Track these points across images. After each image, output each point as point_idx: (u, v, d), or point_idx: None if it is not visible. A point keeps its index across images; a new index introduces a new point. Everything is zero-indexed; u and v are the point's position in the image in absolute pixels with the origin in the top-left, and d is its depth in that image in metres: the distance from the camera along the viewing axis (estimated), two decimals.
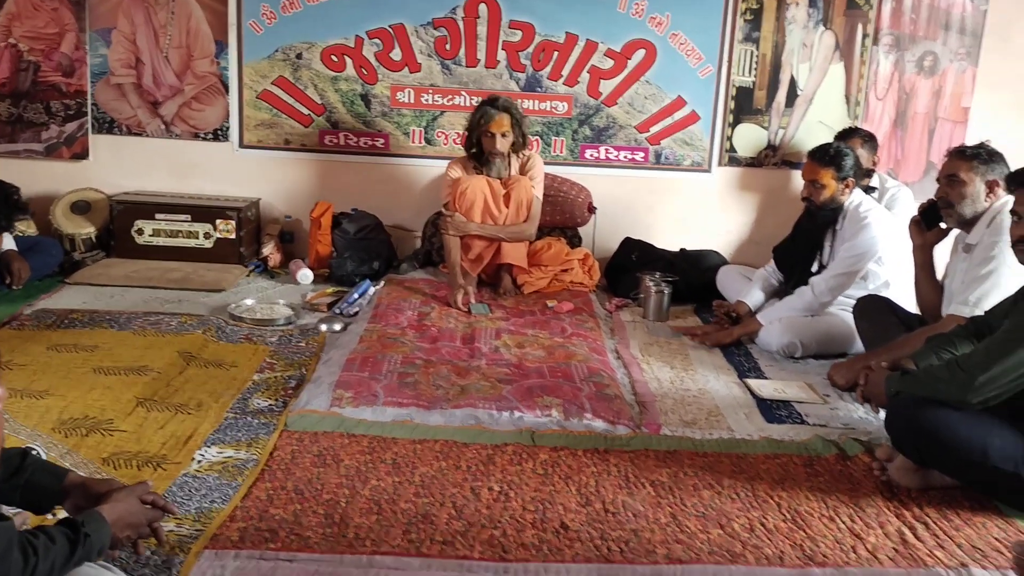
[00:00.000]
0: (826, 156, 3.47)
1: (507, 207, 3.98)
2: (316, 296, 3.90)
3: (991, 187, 2.88)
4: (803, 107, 4.60)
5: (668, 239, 4.58)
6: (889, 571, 1.87)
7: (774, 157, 4.65)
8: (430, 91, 4.50)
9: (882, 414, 2.44)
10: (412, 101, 4.51)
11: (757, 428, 2.67)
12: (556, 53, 4.48)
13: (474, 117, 3.93)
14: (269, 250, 4.37)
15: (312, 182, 4.58)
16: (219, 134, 4.49)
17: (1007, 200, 2.85)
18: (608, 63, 4.50)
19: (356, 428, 2.48)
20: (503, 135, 3.90)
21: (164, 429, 2.43)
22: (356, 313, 3.66)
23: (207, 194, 4.50)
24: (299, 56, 4.44)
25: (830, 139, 4.33)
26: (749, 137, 4.62)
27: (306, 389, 2.73)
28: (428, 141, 4.56)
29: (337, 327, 3.46)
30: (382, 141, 4.55)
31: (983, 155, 2.90)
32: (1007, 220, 2.74)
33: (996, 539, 2.04)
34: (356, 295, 3.77)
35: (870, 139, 4.19)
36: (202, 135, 4.50)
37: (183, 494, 2.08)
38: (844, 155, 3.43)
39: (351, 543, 1.89)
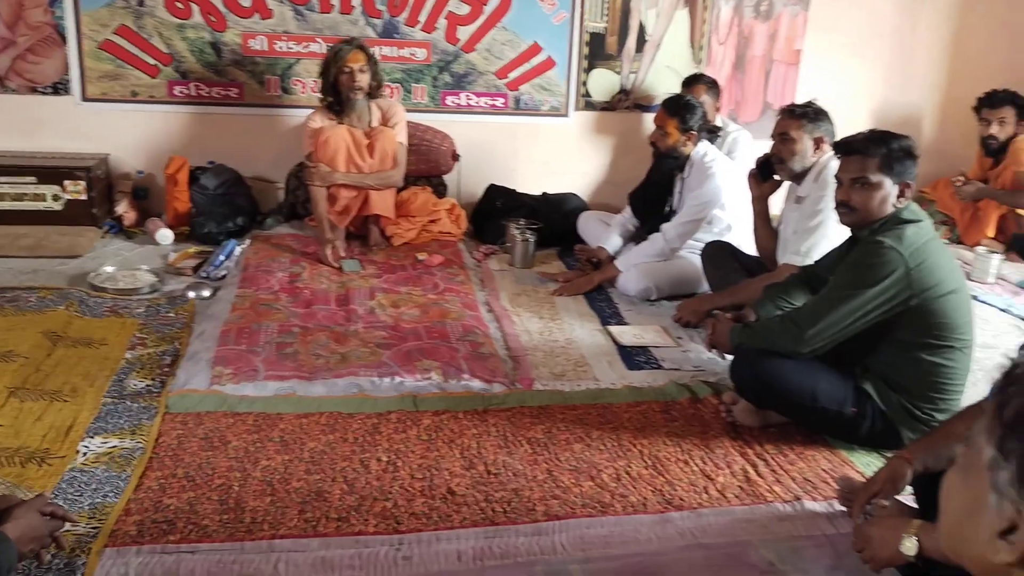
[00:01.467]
0: (675, 107, 3.69)
1: (372, 157, 4.00)
2: (179, 258, 3.83)
3: (818, 143, 3.16)
4: (652, 52, 4.78)
5: (530, 184, 4.73)
6: (736, 509, 2.14)
7: (627, 101, 4.84)
8: (284, 38, 4.39)
9: (728, 359, 2.72)
10: (265, 49, 4.39)
11: (619, 376, 2.91)
12: None
13: (328, 57, 3.89)
14: (123, 209, 4.23)
15: (164, 136, 4.42)
16: (59, 87, 4.25)
17: (831, 155, 3.16)
18: (464, 9, 4.52)
19: (239, 406, 2.54)
20: (361, 70, 3.88)
21: (42, 420, 2.41)
22: (224, 276, 3.64)
23: (51, 151, 4.26)
24: (140, 3, 4.22)
25: (678, 83, 4.59)
26: (603, 82, 4.78)
27: (183, 367, 2.74)
28: (284, 90, 4.47)
29: (206, 293, 3.44)
30: (236, 91, 4.42)
31: (810, 114, 3.17)
32: (832, 175, 3.05)
33: (824, 471, 2.35)
34: (222, 256, 3.74)
35: (714, 85, 4.43)
36: (40, 89, 4.24)
37: (73, 490, 2.10)
38: (692, 109, 3.65)
39: (249, 528, 1.99)
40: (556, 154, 4.85)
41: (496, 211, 4.44)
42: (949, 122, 5.27)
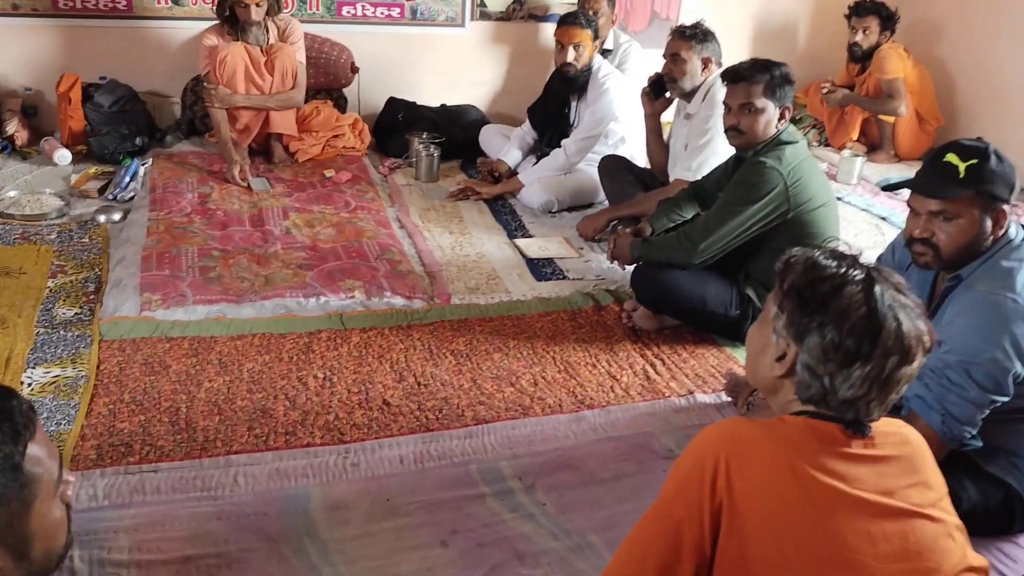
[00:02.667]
0: (585, 19, 3.84)
1: (271, 75, 4.00)
2: (81, 179, 3.79)
3: (705, 64, 3.40)
4: None
5: (428, 96, 4.81)
6: (639, 405, 2.45)
7: (521, 11, 4.93)
8: None
9: (629, 271, 3.00)
10: None
11: (529, 287, 3.15)
12: None
13: None
14: (14, 128, 4.10)
15: (51, 51, 4.26)
16: None
17: (719, 74, 3.40)
18: None
19: (172, 331, 2.66)
20: (257, 5, 3.85)
21: None
22: (132, 198, 3.65)
23: None
24: None
25: None
26: None
27: (109, 294, 2.81)
28: (176, 2, 4.36)
29: (116, 217, 3.45)
30: (124, 2, 4.28)
31: (699, 35, 3.38)
32: (719, 94, 3.30)
33: (713, 367, 2.68)
34: (127, 178, 3.72)
35: None
36: None
37: None
38: (592, 20, 3.78)
39: (203, 446, 2.16)
40: (454, 65, 4.93)
41: (398, 124, 4.53)
42: (821, 29, 5.59)
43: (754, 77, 2.64)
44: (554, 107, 4.11)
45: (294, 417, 2.30)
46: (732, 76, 2.70)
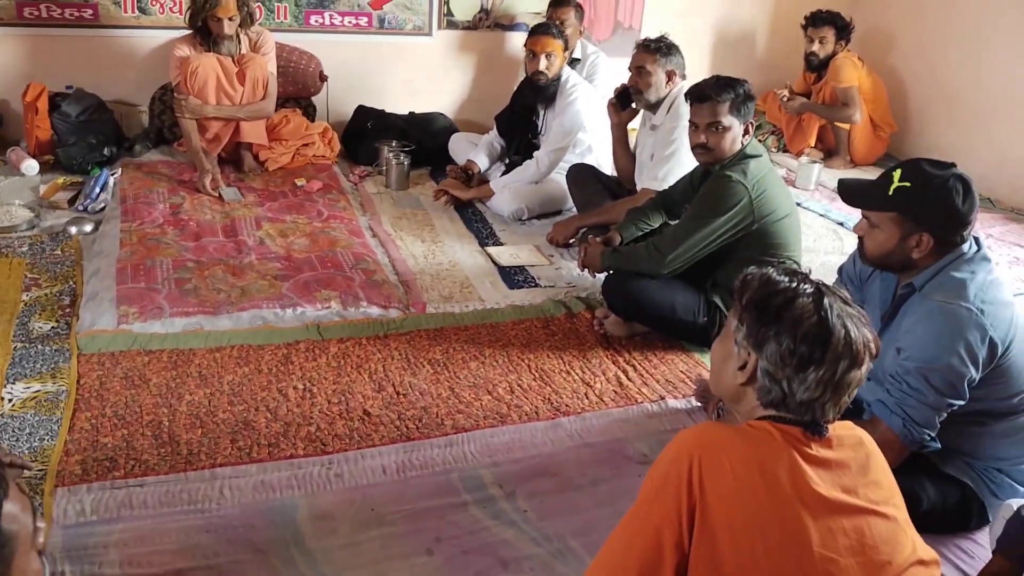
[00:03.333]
0: (554, 29, 3.91)
1: (242, 85, 4.02)
2: (50, 190, 3.77)
3: (670, 76, 3.49)
4: None
5: (396, 103, 4.86)
6: (613, 411, 2.53)
7: (487, 20, 4.99)
8: None
9: (599, 279, 3.08)
10: None
11: (503, 296, 3.22)
12: None
13: (198, 1, 3.84)
14: None
15: (17, 60, 4.23)
16: None
17: (682, 86, 3.50)
18: None
19: (151, 344, 2.68)
20: (230, 19, 3.87)
21: None
22: (103, 208, 3.65)
23: None
24: None
25: (537, 3, 4.80)
26: (464, 2, 4.90)
27: (86, 307, 2.82)
28: (142, 11, 4.35)
29: (88, 228, 3.45)
30: (90, 12, 4.26)
31: (663, 48, 3.47)
32: (683, 107, 3.40)
33: (682, 372, 2.77)
34: (97, 188, 3.72)
35: (579, 7, 4.64)
36: None
37: (9, 435, 2.22)
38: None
39: (188, 460, 2.19)
40: (421, 73, 4.98)
41: (367, 132, 4.57)
42: (778, 37, 5.73)
43: (720, 96, 2.73)
44: (522, 115, 4.18)
45: (276, 429, 2.34)
46: (698, 95, 2.79)
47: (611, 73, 4.54)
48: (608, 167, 4.03)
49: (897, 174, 1.95)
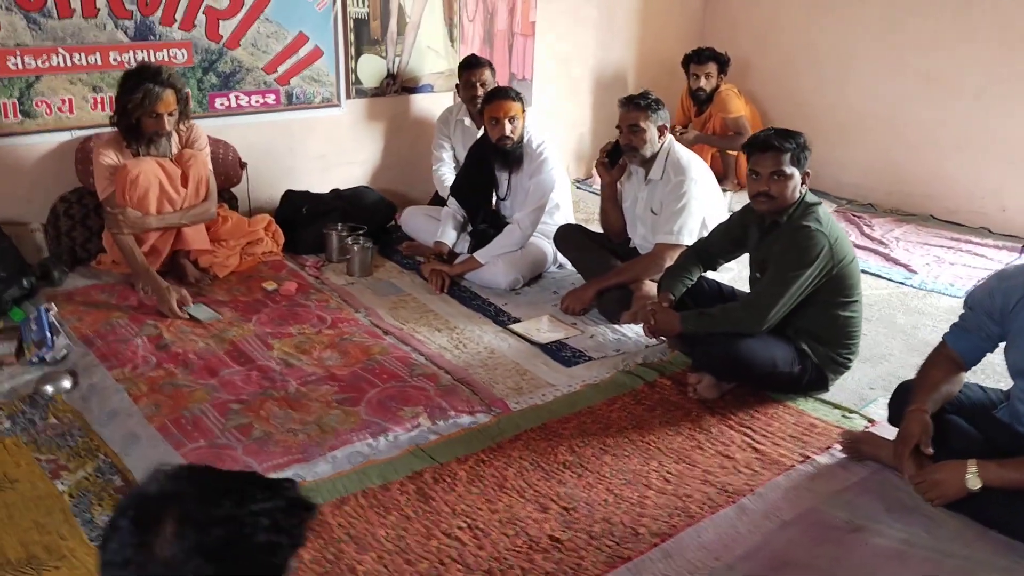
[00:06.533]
0: (513, 92, 3.80)
1: (184, 187, 3.56)
2: None
3: (661, 131, 3.54)
4: (412, 34, 4.77)
5: (312, 181, 4.53)
6: (778, 481, 2.49)
7: (394, 85, 4.78)
8: (17, 53, 3.61)
9: (642, 340, 3.09)
10: None
11: (567, 376, 3.08)
12: None
13: (133, 97, 3.33)
14: None
15: None
16: None
17: (671, 140, 3.57)
18: (224, 2, 4.08)
19: None
20: (170, 114, 3.41)
21: None
22: (64, 356, 3.05)
23: None
24: None
25: (439, 63, 4.73)
26: (371, 68, 4.66)
27: None
28: (26, 114, 3.70)
29: (67, 384, 2.87)
30: None
31: (653, 105, 3.51)
32: (683, 159, 3.48)
33: (794, 424, 2.80)
34: (46, 332, 3.09)
35: (491, 66, 4.57)
36: None
37: None
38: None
39: None
40: (333, 147, 4.68)
41: (302, 218, 4.20)
42: (644, 75, 6.00)
43: (783, 146, 2.80)
44: (480, 182, 4.04)
45: None
46: (760, 146, 2.85)
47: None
48: (570, 221, 4.04)
49: None
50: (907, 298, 3.97)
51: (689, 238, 3.47)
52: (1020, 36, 4.72)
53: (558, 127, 5.51)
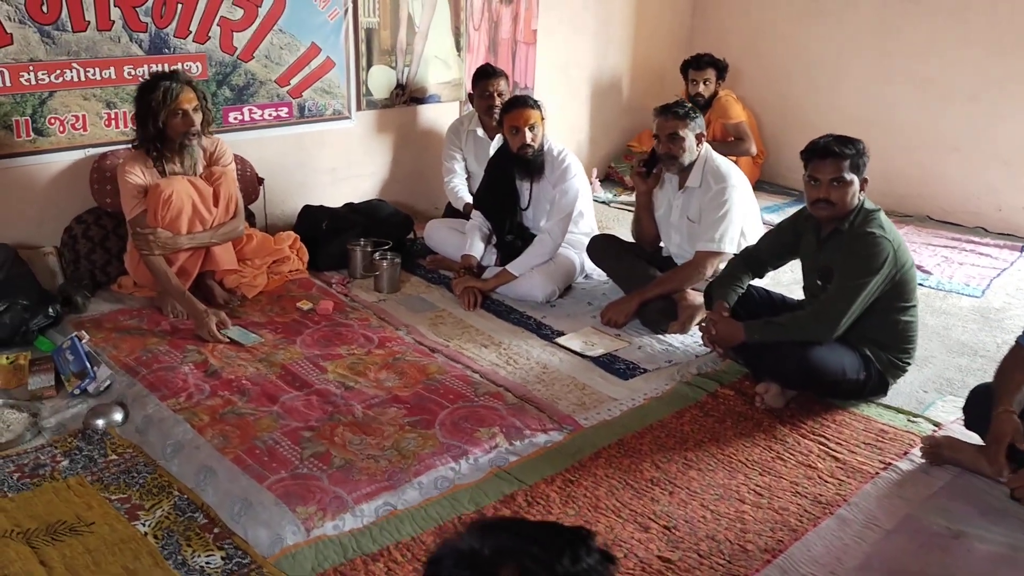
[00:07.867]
0: (531, 100, 3.77)
1: (216, 206, 3.44)
2: (9, 378, 2.94)
3: (699, 139, 3.55)
4: (420, 43, 4.70)
5: (324, 195, 4.44)
6: (866, 489, 2.50)
7: (404, 96, 4.71)
8: (31, 68, 3.44)
9: (696, 350, 3.09)
10: (8, 84, 3.41)
11: (628, 390, 3.06)
12: (180, 6, 3.77)
13: (153, 96, 3.20)
14: None
15: None
16: None
17: (708, 148, 3.58)
18: (238, 13, 3.96)
19: (365, 545, 2.20)
20: (195, 110, 3.29)
21: None
22: (108, 386, 2.91)
23: None
24: None
25: (447, 73, 4.69)
26: (381, 79, 4.58)
27: (242, 522, 2.24)
28: (38, 132, 3.54)
29: (118, 417, 2.74)
30: None
31: (691, 114, 3.52)
32: (722, 167, 3.49)
33: (863, 430, 2.83)
34: (86, 362, 2.94)
35: (506, 75, 4.53)
36: None
37: None
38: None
39: None
40: (343, 160, 4.58)
41: (323, 235, 4.10)
42: (639, 82, 6.03)
43: (843, 152, 2.82)
44: (503, 192, 3.99)
45: None
46: (820, 152, 2.85)
47: None
48: (594, 229, 4.05)
49: None
50: (929, 299, 4.04)
51: (730, 246, 3.48)
52: (1013, 39, 4.86)
53: (558, 134, 5.48)
